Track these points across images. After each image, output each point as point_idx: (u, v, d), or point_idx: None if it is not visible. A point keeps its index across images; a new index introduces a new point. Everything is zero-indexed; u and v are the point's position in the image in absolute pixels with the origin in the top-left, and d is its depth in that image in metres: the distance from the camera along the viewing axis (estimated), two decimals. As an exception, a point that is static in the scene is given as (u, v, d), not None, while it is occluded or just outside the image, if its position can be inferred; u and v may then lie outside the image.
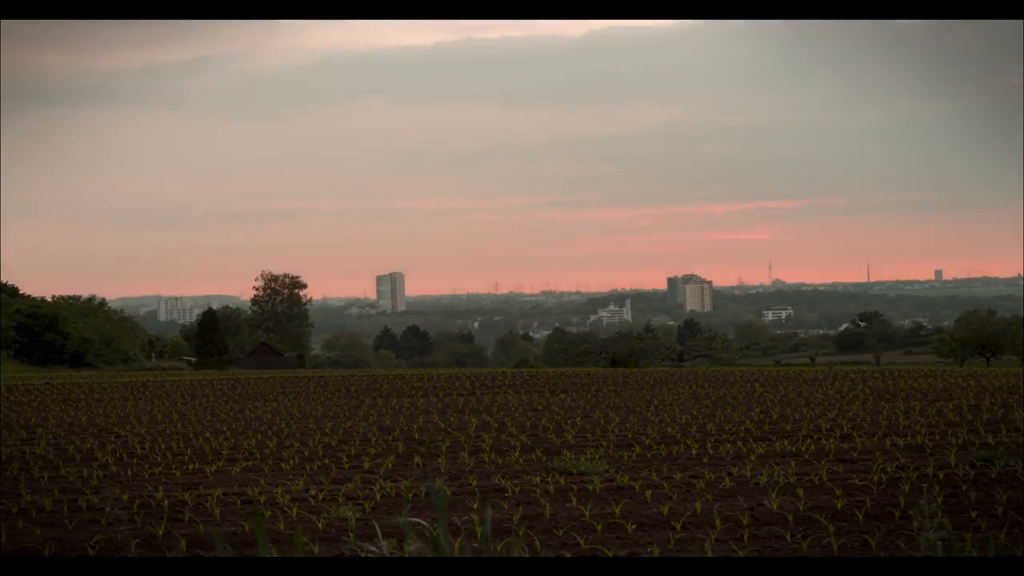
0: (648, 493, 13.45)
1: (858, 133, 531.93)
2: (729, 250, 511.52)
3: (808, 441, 19.45)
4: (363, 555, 9.97)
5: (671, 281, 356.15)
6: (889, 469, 15.35)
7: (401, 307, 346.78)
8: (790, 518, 11.53)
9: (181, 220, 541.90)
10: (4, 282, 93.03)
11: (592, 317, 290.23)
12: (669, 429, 22.26)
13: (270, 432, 23.45)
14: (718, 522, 11.31)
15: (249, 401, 34.97)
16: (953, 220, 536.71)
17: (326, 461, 17.84)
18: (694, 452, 18.20)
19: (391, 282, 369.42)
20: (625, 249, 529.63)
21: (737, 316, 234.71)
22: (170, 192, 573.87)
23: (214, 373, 67.54)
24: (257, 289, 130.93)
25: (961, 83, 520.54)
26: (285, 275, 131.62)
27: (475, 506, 12.78)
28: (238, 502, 13.67)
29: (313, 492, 14.24)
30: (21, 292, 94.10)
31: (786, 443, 19.26)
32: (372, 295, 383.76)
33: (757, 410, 26.66)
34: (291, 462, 17.81)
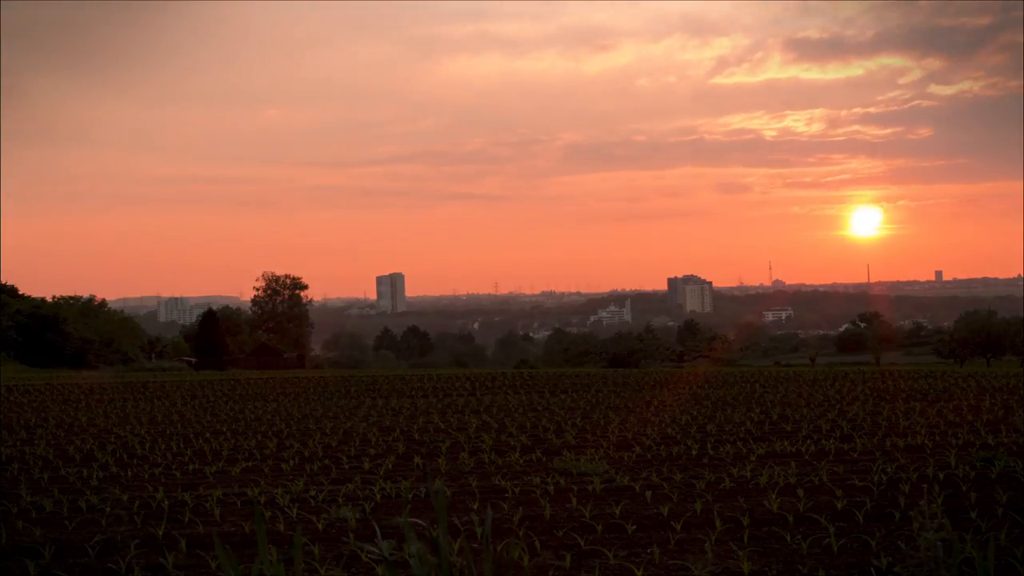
0: (648, 494, 13.45)
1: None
2: (729, 250, 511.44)
3: (808, 442, 19.46)
4: (364, 556, 10.00)
5: (671, 282, 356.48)
6: (889, 470, 15.35)
7: (401, 307, 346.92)
8: (790, 519, 11.53)
9: (181, 218, 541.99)
10: (4, 282, 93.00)
11: (592, 317, 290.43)
12: (669, 430, 22.26)
13: (270, 432, 23.45)
14: (718, 523, 11.31)
15: (249, 401, 34.96)
16: (954, 220, 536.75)
17: (326, 462, 17.84)
18: (694, 453, 18.20)
19: (391, 283, 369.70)
20: (625, 249, 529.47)
21: (737, 317, 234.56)
22: (170, 191, 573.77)
23: (214, 373, 67.54)
24: (258, 290, 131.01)
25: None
26: (287, 276, 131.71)
27: (475, 507, 12.78)
28: (238, 503, 13.67)
29: (313, 493, 14.24)
30: (21, 292, 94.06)
31: (786, 444, 19.26)
32: (372, 295, 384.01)
33: (757, 411, 26.66)
34: (291, 463, 17.81)
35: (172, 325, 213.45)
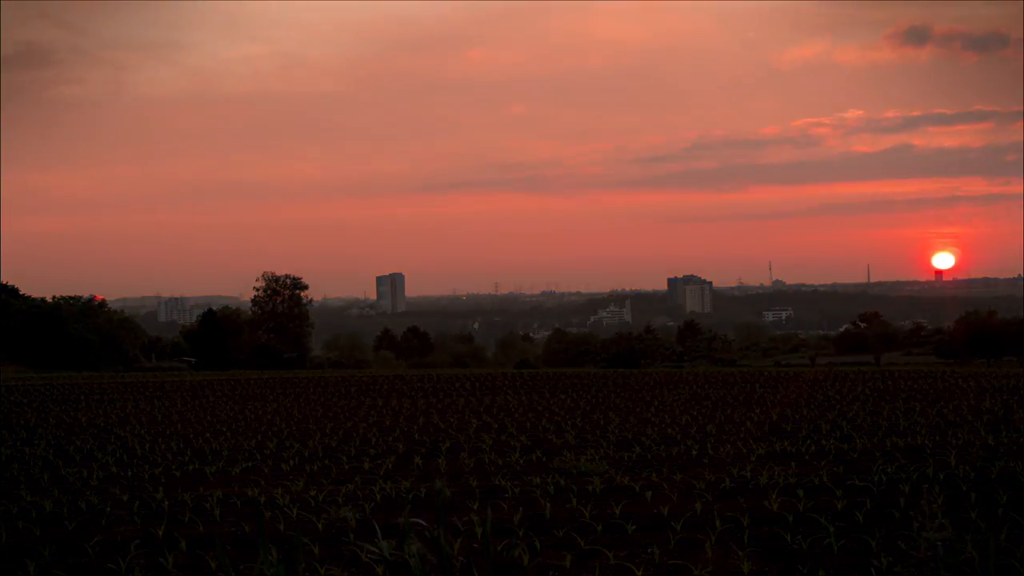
0: (648, 494, 13.45)
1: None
2: (729, 250, 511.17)
3: (808, 442, 19.46)
4: (364, 556, 10.00)
5: (671, 282, 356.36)
6: (889, 470, 15.35)
7: (401, 308, 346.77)
8: (790, 519, 11.53)
9: (181, 218, 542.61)
10: (4, 282, 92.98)
11: (592, 317, 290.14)
12: (669, 430, 22.26)
13: (270, 433, 23.45)
14: (718, 523, 11.31)
15: (249, 402, 34.97)
16: (953, 220, 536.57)
17: (326, 462, 17.85)
18: (694, 453, 18.19)
19: (391, 283, 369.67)
20: (625, 249, 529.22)
21: (737, 317, 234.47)
22: (170, 190, 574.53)
23: (214, 374, 67.53)
24: (258, 290, 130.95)
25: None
26: (287, 276, 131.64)
27: (475, 507, 12.78)
28: (238, 503, 13.67)
29: (313, 493, 14.24)
30: (21, 292, 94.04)
31: (786, 444, 19.26)
32: (372, 295, 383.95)
33: (757, 411, 26.65)
34: (291, 463, 17.81)
35: (172, 325, 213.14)
